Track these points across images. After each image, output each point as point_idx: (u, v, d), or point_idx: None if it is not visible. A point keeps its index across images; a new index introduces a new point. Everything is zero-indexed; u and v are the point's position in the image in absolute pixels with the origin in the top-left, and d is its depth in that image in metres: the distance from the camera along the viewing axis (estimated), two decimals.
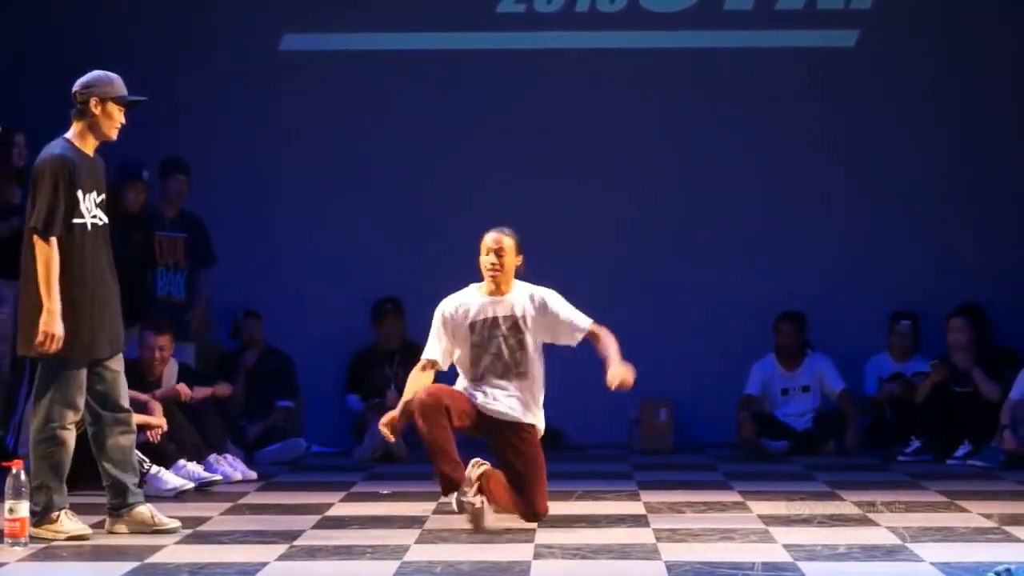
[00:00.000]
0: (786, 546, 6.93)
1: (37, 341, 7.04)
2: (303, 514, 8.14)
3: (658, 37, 12.22)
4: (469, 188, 12.01)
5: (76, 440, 7.53)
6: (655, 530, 7.47)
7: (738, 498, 8.72)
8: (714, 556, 6.66)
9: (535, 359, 7.77)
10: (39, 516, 7.13)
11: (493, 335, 7.73)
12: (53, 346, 7.05)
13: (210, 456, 9.76)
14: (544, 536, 7.30)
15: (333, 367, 11.82)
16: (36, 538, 7.06)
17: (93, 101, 7.22)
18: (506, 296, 7.79)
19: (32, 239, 7.12)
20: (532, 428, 7.77)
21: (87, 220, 7.21)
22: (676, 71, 12.22)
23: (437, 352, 7.78)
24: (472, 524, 7.41)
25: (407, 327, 11.57)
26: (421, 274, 11.26)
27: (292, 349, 11.67)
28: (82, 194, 7.18)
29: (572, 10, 12.22)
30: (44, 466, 7.15)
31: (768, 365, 11.72)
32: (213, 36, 12.20)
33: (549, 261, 11.64)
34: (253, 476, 9.91)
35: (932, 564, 6.42)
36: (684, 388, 11.81)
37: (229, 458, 9.90)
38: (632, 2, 12.20)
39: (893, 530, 7.39)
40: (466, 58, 12.23)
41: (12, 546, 6.87)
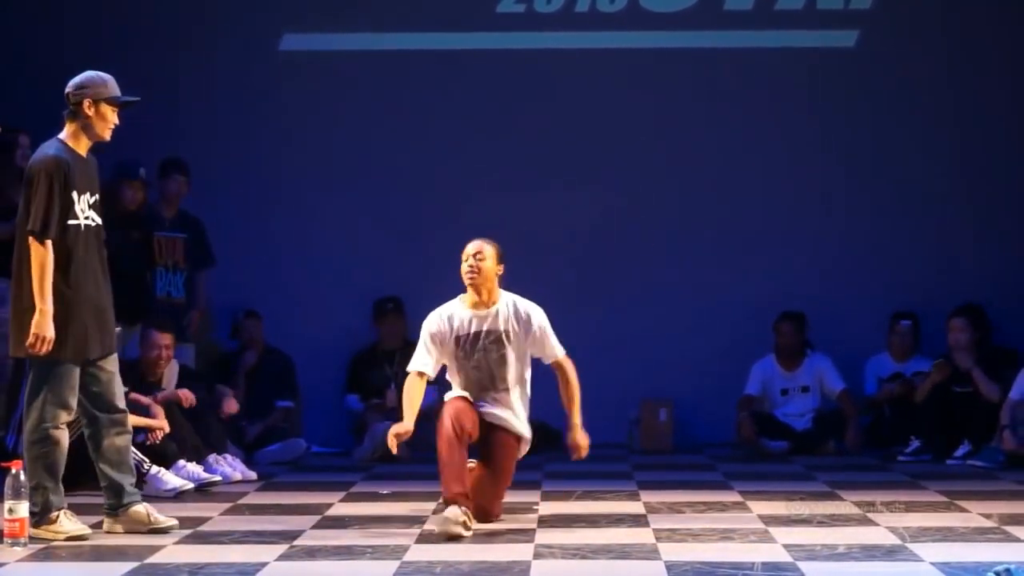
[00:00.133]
0: (786, 546, 6.93)
1: (28, 343, 7.05)
2: (303, 514, 8.14)
3: (658, 37, 12.22)
4: (469, 188, 12.01)
5: (75, 441, 7.54)
6: (655, 530, 7.47)
7: (738, 498, 8.72)
8: (714, 556, 6.66)
9: (519, 373, 7.81)
10: (38, 516, 7.13)
11: (476, 349, 7.76)
12: (43, 348, 7.05)
13: (210, 456, 9.76)
14: (544, 536, 7.30)
15: (333, 367, 11.82)
16: (35, 538, 7.06)
17: (86, 102, 7.22)
18: (491, 309, 7.79)
19: (27, 241, 7.12)
20: (516, 439, 7.81)
21: (81, 221, 7.21)
22: (676, 71, 12.22)
23: (427, 365, 7.81)
24: (444, 534, 7.38)
25: (407, 327, 11.57)
26: (421, 274, 11.26)
27: (292, 349, 11.67)
28: (76, 195, 7.18)
29: (572, 10, 12.22)
30: (39, 467, 7.15)
31: (768, 365, 11.72)
32: (213, 36, 12.19)
33: (549, 261, 11.77)
34: (253, 476, 9.90)
35: (932, 564, 6.42)
36: (684, 388, 11.82)
37: (229, 458, 9.90)
38: (632, 2, 12.20)
39: (893, 530, 7.39)
40: (466, 58, 12.23)
41: (12, 546, 6.87)
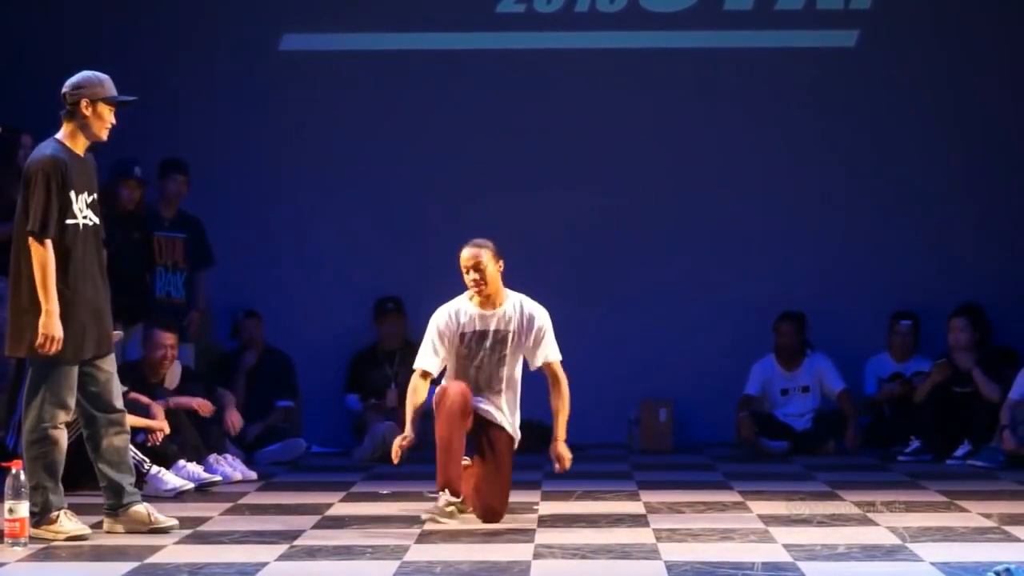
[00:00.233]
0: (786, 546, 6.93)
1: (37, 343, 7.04)
2: (303, 514, 8.15)
3: (658, 37, 12.21)
4: (469, 188, 12.00)
5: (75, 441, 7.54)
6: (655, 530, 7.47)
7: (738, 498, 8.72)
8: (714, 556, 6.66)
9: (511, 374, 7.87)
10: (38, 516, 7.12)
11: (480, 348, 7.80)
12: (53, 347, 7.05)
13: (210, 456, 9.76)
14: (544, 536, 7.30)
15: (333, 367, 11.82)
16: (36, 538, 7.06)
17: (84, 102, 7.21)
18: (497, 309, 7.83)
19: (26, 241, 7.11)
20: (509, 436, 7.87)
21: (79, 221, 7.21)
22: (676, 71, 12.21)
23: (433, 364, 7.86)
24: (433, 520, 7.50)
25: (407, 327, 11.57)
26: (421, 274, 11.27)
27: (292, 349, 11.67)
28: (74, 194, 7.18)
29: (572, 10, 12.21)
30: (38, 467, 7.15)
31: (768, 365, 11.72)
32: (213, 36, 12.19)
33: (549, 261, 11.77)
34: (253, 476, 9.91)
35: (932, 564, 6.42)
36: (684, 388, 11.82)
37: (229, 458, 9.90)
38: (632, 2, 12.20)
39: (893, 530, 7.39)
40: (466, 58, 12.23)
41: (12, 546, 6.87)
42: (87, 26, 11.98)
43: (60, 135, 7.29)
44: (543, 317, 7.88)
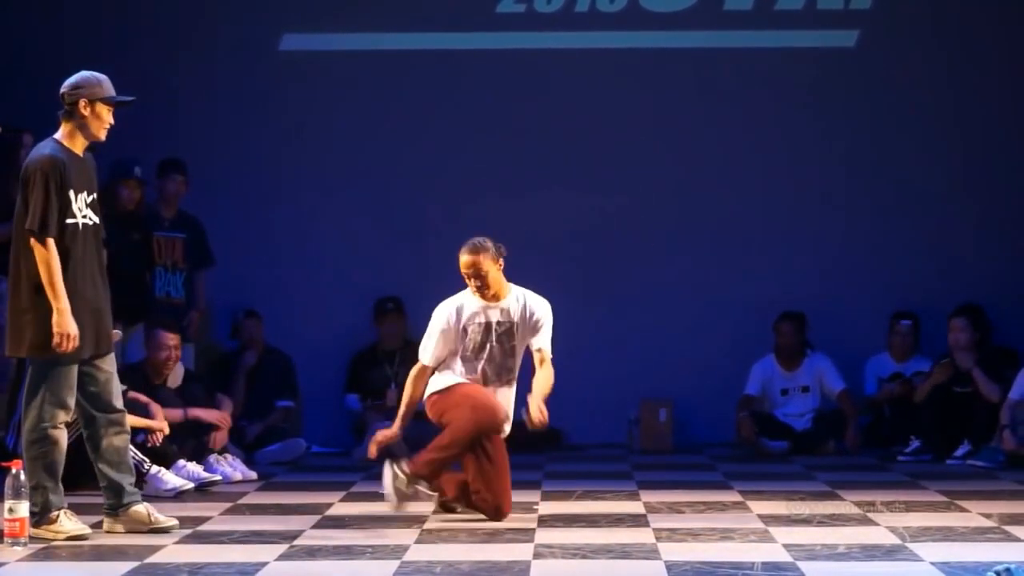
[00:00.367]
0: (786, 546, 6.93)
1: (54, 343, 7.03)
2: (303, 514, 8.15)
3: (658, 37, 12.21)
4: (469, 188, 12.00)
5: (75, 441, 7.54)
6: (655, 530, 7.47)
7: (738, 498, 8.72)
8: (714, 556, 6.66)
9: (518, 365, 7.90)
10: (38, 516, 7.12)
11: (488, 341, 7.81)
12: (70, 344, 7.05)
13: (210, 456, 9.76)
14: (544, 536, 7.30)
15: (333, 367, 11.82)
16: (36, 538, 7.06)
17: (82, 102, 7.21)
18: (501, 302, 7.85)
19: (25, 241, 7.11)
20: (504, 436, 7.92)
21: (78, 220, 7.21)
22: (676, 71, 12.21)
23: (436, 358, 7.89)
24: (391, 499, 7.69)
25: (407, 327, 11.57)
26: (421, 274, 11.26)
27: (292, 349, 11.67)
28: (73, 194, 7.17)
29: (572, 10, 12.22)
30: (38, 466, 7.15)
31: (768, 365, 11.71)
32: (213, 36, 12.19)
33: (549, 261, 11.76)
34: (253, 476, 9.91)
35: (932, 564, 6.42)
36: (684, 388, 11.82)
37: (229, 458, 9.90)
38: (632, 2, 12.20)
39: (893, 530, 7.39)
40: (466, 58, 12.23)
41: (12, 546, 6.87)
42: (87, 26, 11.98)
43: (59, 135, 7.29)
44: (544, 311, 7.90)
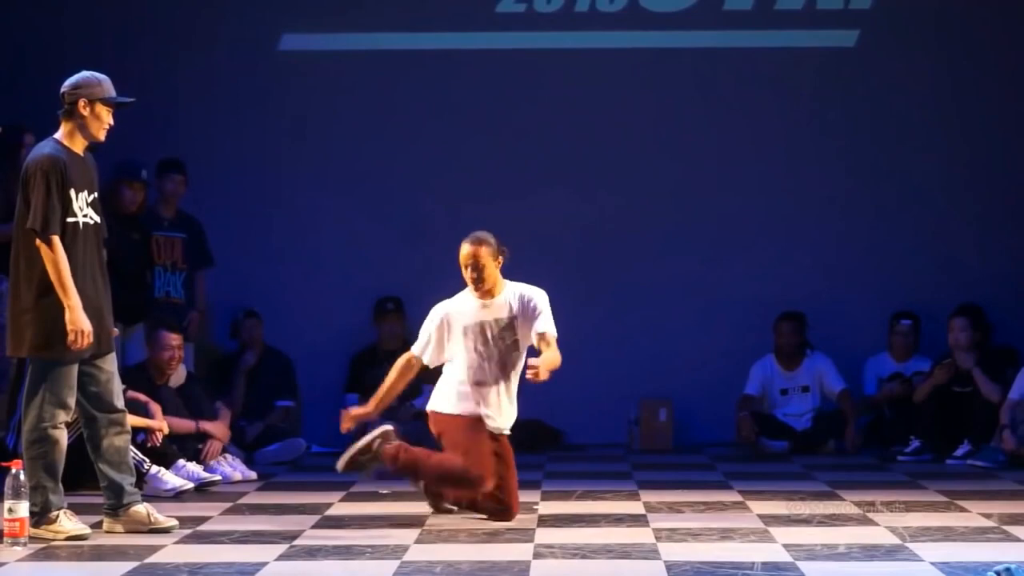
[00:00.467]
0: (786, 546, 6.93)
1: (69, 340, 7.03)
2: (303, 514, 8.15)
3: (658, 37, 12.22)
4: (469, 188, 12.00)
5: (75, 441, 7.54)
6: (655, 530, 7.47)
7: (738, 498, 8.72)
8: (714, 556, 6.67)
9: (521, 361, 7.86)
10: (38, 516, 7.12)
11: (487, 340, 7.80)
12: (84, 341, 7.05)
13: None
14: (544, 536, 7.30)
15: (333, 367, 11.82)
16: (35, 538, 7.06)
17: (81, 102, 7.22)
18: (496, 299, 7.84)
19: (28, 241, 7.10)
20: (507, 436, 7.91)
21: (79, 219, 7.21)
22: (676, 71, 12.21)
23: (426, 352, 7.94)
24: (343, 460, 7.83)
25: (407, 327, 11.56)
26: (421, 274, 11.26)
27: (292, 349, 11.67)
28: (74, 193, 7.17)
29: (572, 10, 12.21)
30: (38, 466, 7.15)
31: (768, 365, 11.72)
32: (213, 36, 12.19)
33: (549, 260, 11.74)
34: (253, 476, 9.91)
35: (932, 564, 6.42)
36: (684, 388, 11.82)
37: (229, 458, 9.90)
38: (632, 2, 12.20)
39: (893, 530, 7.39)
40: (465, 58, 12.23)
41: (12, 546, 6.87)
42: (87, 26, 11.98)
43: (58, 135, 7.29)
44: (540, 297, 7.88)
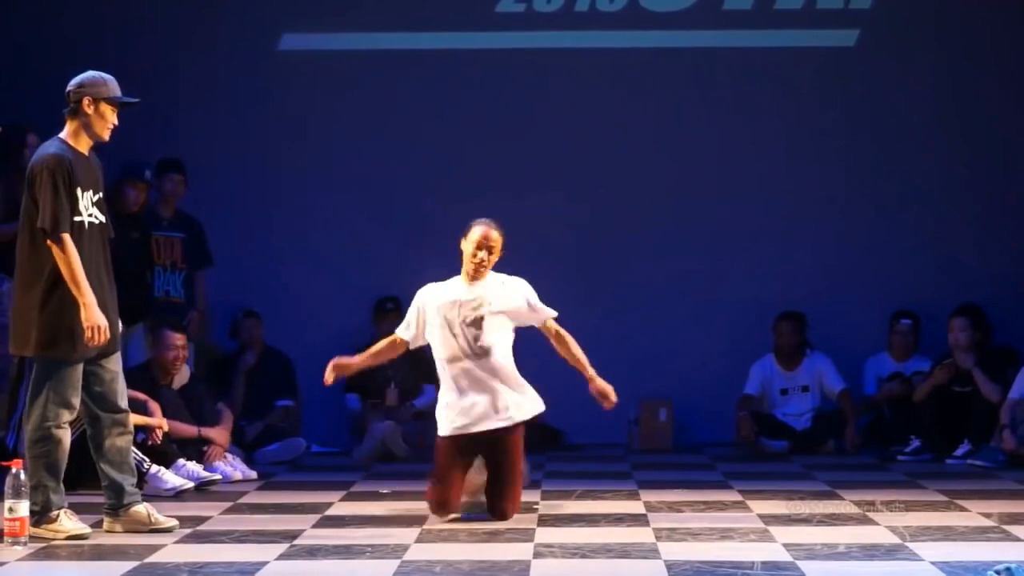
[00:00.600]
0: (786, 545, 6.93)
1: (86, 338, 7.03)
2: (303, 513, 8.15)
3: (658, 37, 12.22)
4: (469, 187, 11.99)
5: (76, 440, 7.53)
6: (655, 529, 7.47)
7: (738, 497, 8.72)
8: (714, 555, 6.67)
9: (500, 341, 7.81)
10: (38, 516, 7.12)
11: (458, 315, 7.80)
12: (101, 337, 7.04)
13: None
14: (544, 535, 7.30)
15: None
16: (35, 537, 7.06)
17: (86, 101, 7.22)
18: (478, 282, 7.86)
19: (36, 241, 7.09)
20: (510, 431, 7.82)
21: (84, 219, 7.21)
22: (676, 71, 12.22)
23: (408, 333, 8.03)
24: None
25: None
26: (421, 274, 11.19)
27: (292, 349, 11.66)
28: (80, 192, 7.18)
29: (572, 9, 12.22)
30: (40, 465, 7.15)
31: (767, 365, 11.72)
32: (213, 36, 12.20)
33: (549, 260, 11.76)
34: (253, 475, 9.91)
35: (932, 563, 6.42)
36: (684, 388, 11.82)
37: (229, 457, 9.90)
38: (631, 1, 12.20)
39: (893, 529, 7.39)
40: (465, 58, 12.23)
41: (12, 545, 6.87)
42: (88, 26, 11.98)
43: (63, 134, 7.29)
44: (522, 283, 7.92)
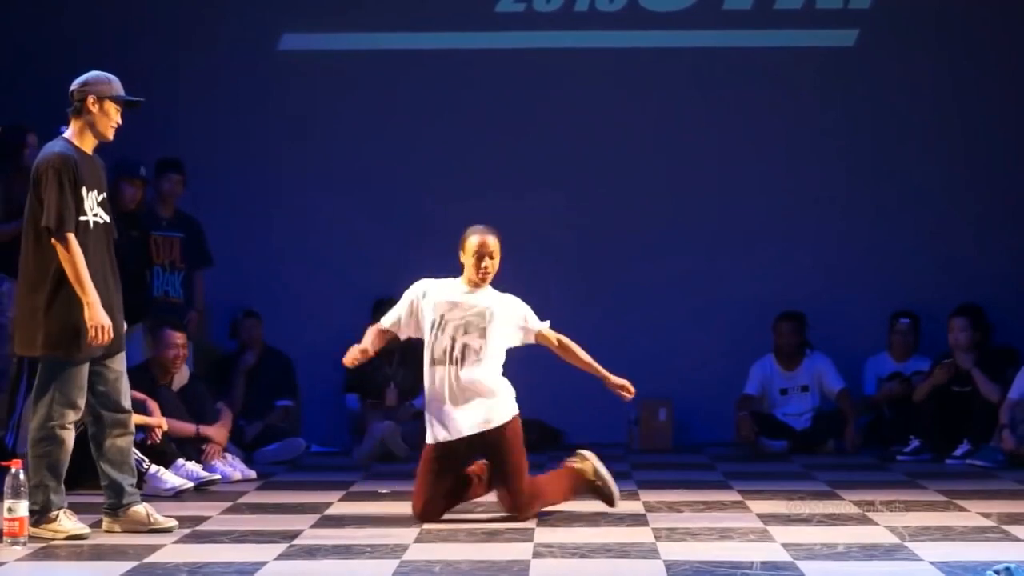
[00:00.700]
0: (785, 545, 6.93)
1: (89, 336, 7.02)
2: (302, 513, 8.15)
3: (657, 36, 12.22)
4: (468, 187, 12.00)
5: (76, 440, 7.53)
6: (654, 529, 7.47)
7: (737, 497, 8.72)
8: (713, 555, 6.66)
9: (495, 352, 7.81)
10: (37, 515, 7.12)
11: (452, 320, 7.78)
12: (104, 337, 7.04)
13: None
14: (543, 535, 7.30)
15: (332, 367, 11.72)
16: (35, 537, 7.06)
17: (91, 99, 7.22)
18: (479, 291, 7.85)
19: (42, 240, 7.09)
20: (500, 429, 7.79)
21: (90, 218, 7.21)
22: (676, 71, 12.22)
23: (393, 322, 8.01)
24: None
25: None
26: (421, 274, 11.19)
27: (292, 349, 11.66)
28: (85, 192, 7.18)
29: (571, 9, 12.22)
30: (42, 465, 7.14)
31: (767, 365, 11.72)
32: (213, 36, 12.20)
33: (549, 260, 11.78)
34: (252, 475, 9.91)
35: (931, 563, 6.42)
36: (683, 388, 11.81)
37: (228, 457, 9.90)
38: (631, 1, 12.20)
39: (892, 529, 7.39)
40: (465, 58, 12.23)
41: (11, 545, 6.87)
42: (88, 26, 11.99)
43: (68, 134, 7.29)
44: (517, 300, 7.94)
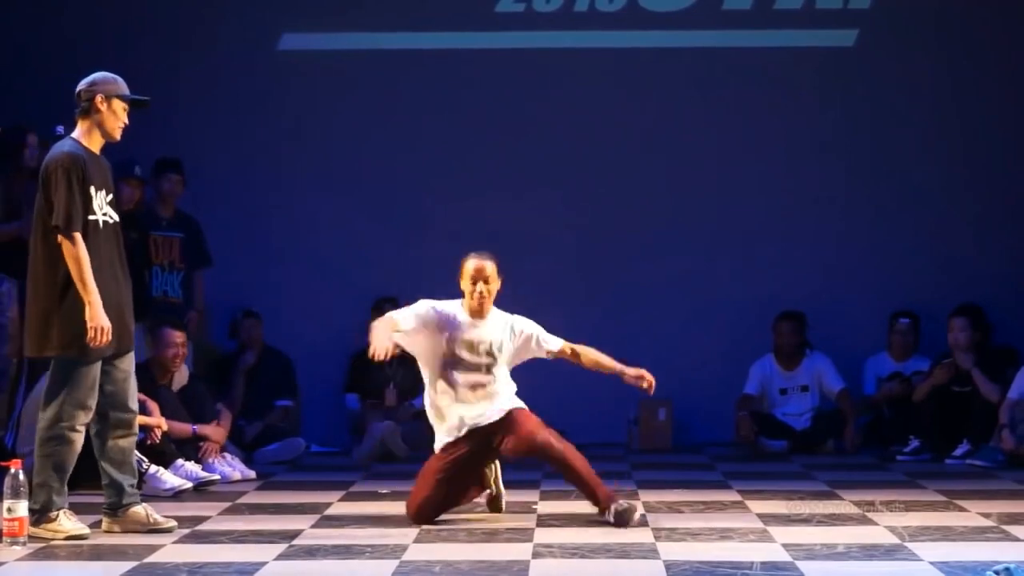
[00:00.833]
0: (785, 545, 6.93)
1: (88, 337, 7.02)
2: (302, 513, 8.15)
3: (657, 36, 12.22)
4: (468, 187, 12.01)
5: None
6: (654, 529, 7.46)
7: (737, 497, 8.72)
8: (713, 555, 6.66)
9: (504, 381, 7.86)
10: (38, 515, 7.12)
11: (465, 359, 7.76)
12: (103, 338, 7.03)
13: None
14: (543, 535, 7.30)
15: (332, 367, 11.82)
16: (34, 537, 7.05)
17: (99, 98, 7.23)
18: (486, 320, 7.84)
19: (49, 240, 7.08)
20: (510, 411, 7.78)
21: (99, 217, 7.21)
22: (675, 71, 12.22)
23: (404, 324, 7.86)
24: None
25: None
26: (421, 274, 11.23)
27: (292, 349, 11.66)
28: (94, 191, 7.18)
29: (571, 9, 12.22)
30: (48, 465, 7.14)
31: (767, 365, 11.72)
32: (213, 36, 12.20)
33: (548, 260, 11.78)
34: (252, 475, 9.91)
35: (931, 563, 6.42)
36: (683, 388, 11.78)
37: (228, 457, 9.90)
38: (631, 1, 12.20)
39: (892, 529, 7.39)
40: (465, 58, 12.23)
41: (11, 545, 6.87)
42: (88, 26, 11.99)
43: (75, 134, 7.29)
44: (527, 322, 7.95)
